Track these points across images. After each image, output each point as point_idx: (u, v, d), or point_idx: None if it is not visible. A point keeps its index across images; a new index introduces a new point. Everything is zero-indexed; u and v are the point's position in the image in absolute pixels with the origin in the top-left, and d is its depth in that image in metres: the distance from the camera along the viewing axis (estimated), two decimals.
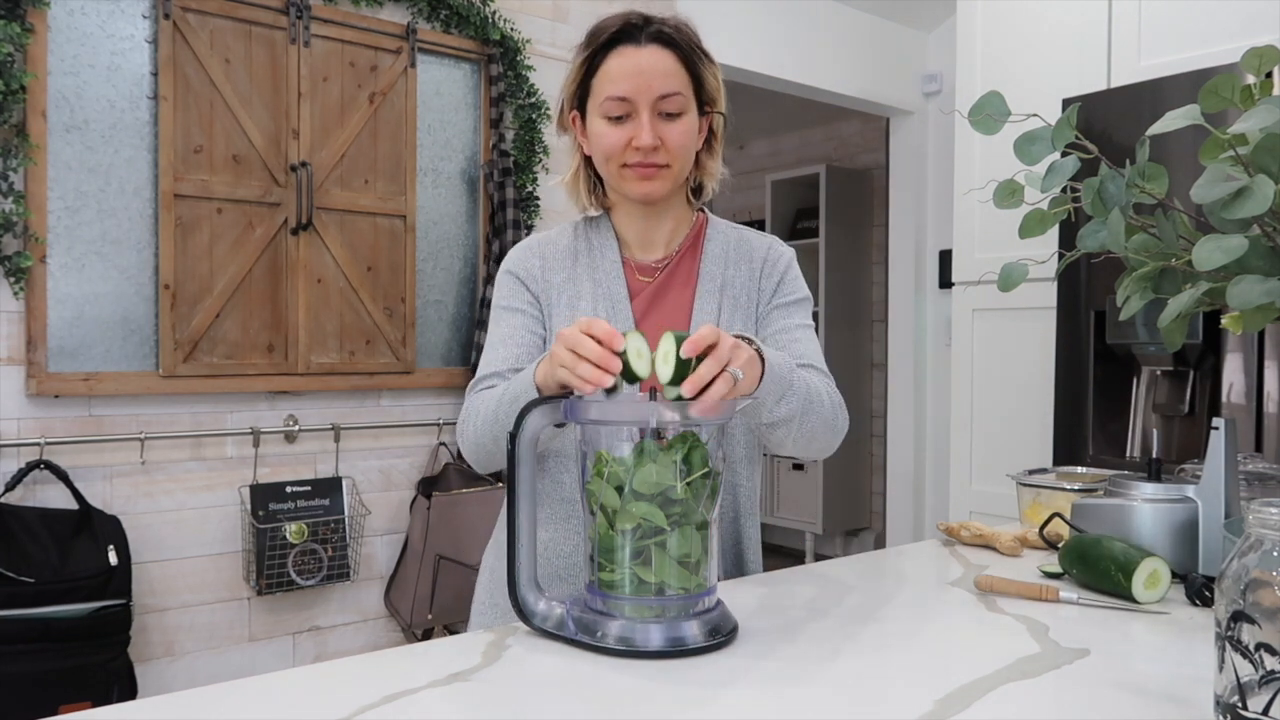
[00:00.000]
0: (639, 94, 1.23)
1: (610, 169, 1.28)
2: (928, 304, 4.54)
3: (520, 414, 0.99)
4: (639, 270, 1.35)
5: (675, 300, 1.35)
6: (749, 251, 1.40)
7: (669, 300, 1.35)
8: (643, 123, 1.23)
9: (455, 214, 3.04)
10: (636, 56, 1.24)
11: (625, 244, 1.37)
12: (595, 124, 1.27)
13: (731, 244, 1.40)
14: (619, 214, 1.37)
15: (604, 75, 1.25)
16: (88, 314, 2.38)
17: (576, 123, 1.32)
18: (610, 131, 1.25)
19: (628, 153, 1.25)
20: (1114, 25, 2.71)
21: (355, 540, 2.77)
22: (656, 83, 1.23)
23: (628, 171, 1.27)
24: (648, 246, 1.36)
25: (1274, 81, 0.99)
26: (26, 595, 2.14)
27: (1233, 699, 0.70)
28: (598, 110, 1.25)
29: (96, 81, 2.39)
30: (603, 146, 1.26)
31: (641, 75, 1.23)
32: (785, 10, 3.84)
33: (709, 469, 0.96)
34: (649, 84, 1.23)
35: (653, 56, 1.24)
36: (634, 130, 1.24)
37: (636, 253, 1.36)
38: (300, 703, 0.83)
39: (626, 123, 1.24)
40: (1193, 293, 0.96)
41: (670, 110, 1.25)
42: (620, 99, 1.23)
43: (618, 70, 1.24)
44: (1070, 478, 1.63)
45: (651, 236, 1.36)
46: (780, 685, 0.87)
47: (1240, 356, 2.30)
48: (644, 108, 1.24)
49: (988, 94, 1.08)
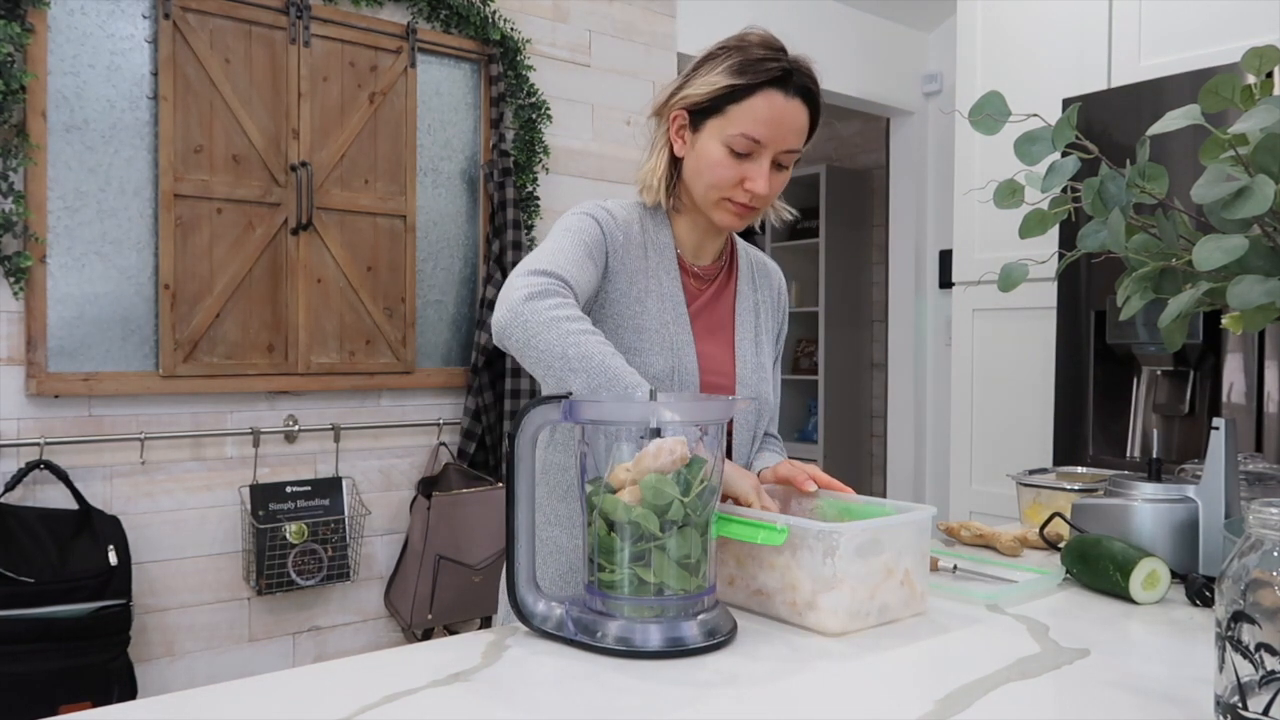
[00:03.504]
0: (771, 143, 1.26)
1: (710, 195, 1.29)
2: (928, 304, 4.54)
3: (520, 414, 0.99)
4: (694, 274, 1.37)
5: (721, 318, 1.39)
6: (767, 277, 1.48)
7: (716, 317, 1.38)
8: (762, 170, 1.26)
9: (455, 214, 3.03)
10: (784, 107, 1.25)
11: (679, 243, 1.37)
12: (713, 148, 1.27)
13: (754, 264, 1.47)
14: (682, 221, 1.37)
15: (748, 111, 1.24)
16: (88, 314, 2.38)
17: (679, 123, 1.30)
18: (729, 164, 1.26)
19: (736, 191, 1.27)
20: (1114, 25, 2.71)
21: (355, 540, 2.77)
22: (790, 138, 1.27)
23: (727, 204, 1.29)
24: (699, 255, 1.39)
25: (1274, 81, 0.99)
26: (26, 595, 2.14)
27: (1233, 699, 0.70)
28: (723, 138, 1.26)
29: (96, 81, 2.39)
30: (715, 175, 1.27)
31: (781, 127, 1.25)
32: (785, 10, 3.84)
33: (707, 484, 0.96)
34: (784, 137, 1.26)
35: (794, 111, 1.26)
36: (748, 171, 1.26)
37: (688, 257, 1.38)
38: (300, 703, 0.83)
39: (744, 160, 1.26)
40: (1193, 293, 0.96)
41: (784, 163, 1.29)
42: (755, 140, 1.25)
43: (764, 113, 1.24)
44: (1070, 478, 1.63)
45: (705, 248, 1.39)
46: (779, 685, 0.87)
47: (1240, 356, 2.30)
48: (767, 156, 1.26)
49: (988, 94, 1.08)
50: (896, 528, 1.06)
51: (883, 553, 1.05)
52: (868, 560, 1.03)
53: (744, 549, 1.09)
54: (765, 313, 1.44)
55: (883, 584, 1.05)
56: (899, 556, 1.06)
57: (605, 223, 1.29)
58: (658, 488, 0.93)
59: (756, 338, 1.40)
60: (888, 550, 1.05)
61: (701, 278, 1.38)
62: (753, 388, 1.37)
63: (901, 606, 1.07)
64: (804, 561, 1.02)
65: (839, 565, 1.00)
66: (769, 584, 1.07)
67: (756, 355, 1.40)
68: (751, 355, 1.39)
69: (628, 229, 1.32)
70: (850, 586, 1.01)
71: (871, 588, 1.03)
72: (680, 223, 1.37)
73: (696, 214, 1.34)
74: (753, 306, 1.42)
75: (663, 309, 1.30)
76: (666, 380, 1.27)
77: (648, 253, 1.32)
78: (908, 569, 1.07)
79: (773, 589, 1.07)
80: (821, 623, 1.02)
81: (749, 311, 1.41)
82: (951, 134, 3.61)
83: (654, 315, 1.29)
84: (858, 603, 1.02)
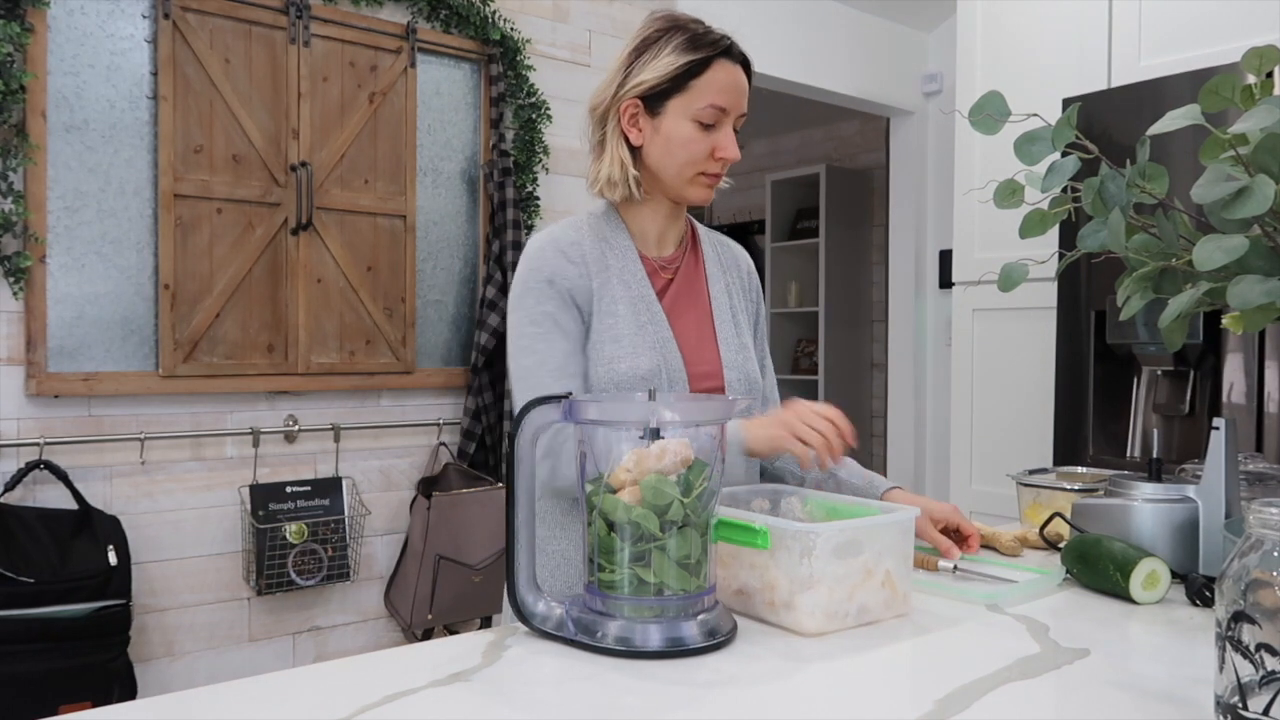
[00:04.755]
0: (733, 108, 1.31)
1: (686, 173, 1.31)
2: (928, 304, 4.54)
3: (520, 414, 0.99)
4: (658, 267, 1.38)
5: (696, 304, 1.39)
6: (734, 259, 1.49)
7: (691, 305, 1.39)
8: (730, 136, 1.31)
9: (455, 214, 3.03)
10: (734, 73, 1.31)
11: (638, 239, 1.38)
12: (681, 126, 1.29)
13: (717, 247, 1.47)
14: (641, 210, 1.37)
15: (710, 82, 1.28)
16: (87, 314, 2.38)
17: (631, 112, 1.31)
18: (700, 138, 1.29)
19: (709, 163, 1.31)
20: (1114, 25, 2.71)
21: (355, 540, 2.77)
22: (743, 102, 1.32)
23: (701, 178, 1.32)
24: (662, 243, 1.39)
25: (1274, 81, 0.99)
26: (26, 595, 2.14)
27: (1233, 699, 0.70)
28: (690, 113, 1.28)
29: (96, 81, 2.39)
30: (689, 152, 1.30)
31: (737, 92, 1.31)
32: (785, 10, 3.84)
33: (707, 486, 0.96)
34: (740, 101, 1.32)
35: (741, 76, 1.32)
36: (718, 140, 1.30)
37: (650, 249, 1.38)
38: (300, 703, 0.83)
39: (712, 131, 1.30)
40: (1193, 293, 0.96)
41: (737, 127, 1.33)
42: (722, 109, 1.29)
43: (724, 82, 1.29)
44: (1070, 478, 1.63)
45: (668, 235, 1.40)
46: (779, 685, 0.87)
47: (1240, 356, 2.30)
48: (729, 121, 1.31)
49: (988, 94, 1.08)
50: (877, 528, 1.06)
51: (861, 553, 1.04)
52: (846, 561, 1.03)
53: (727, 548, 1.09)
54: (737, 293, 1.44)
55: (862, 585, 1.05)
56: (879, 557, 1.06)
57: (556, 271, 1.29)
58: (658, 488, 0.93)
59: (734, 318, 1.41)
60: (867, 551, 1.05)
61: (667, 267, 1.38)
62: (739, 368, 1.37)
63: (882, 608, 1.07)
64: (782, 561, 1.03)
65: (816, 565, 1.00)
66: (750, 583, 1.07)
67: (738, 335, 1.40)
68: (733, 336, 1.39)
69: (581, 254, 1.31)
70: (828, 587, 1.01)
71: (850, 588, 1.03)
72: (640, 214, 1.37)
73: (660, 200, 1.36)
74: (725, 288, 1.42)
75: (636, 311, 1.30)
76: (654, 378, 1.28)
77: (608, 263, 1.32)
78: (888, 570, 1.07)
79: (753, 588, 1.07)
80: (799, 622, 1.02)
81: (722, 293, 1.42)
82: (951, 134, 3.61)
83: (627, 320, 1.29)
84: (835, 603, 1.02)
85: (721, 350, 1.37)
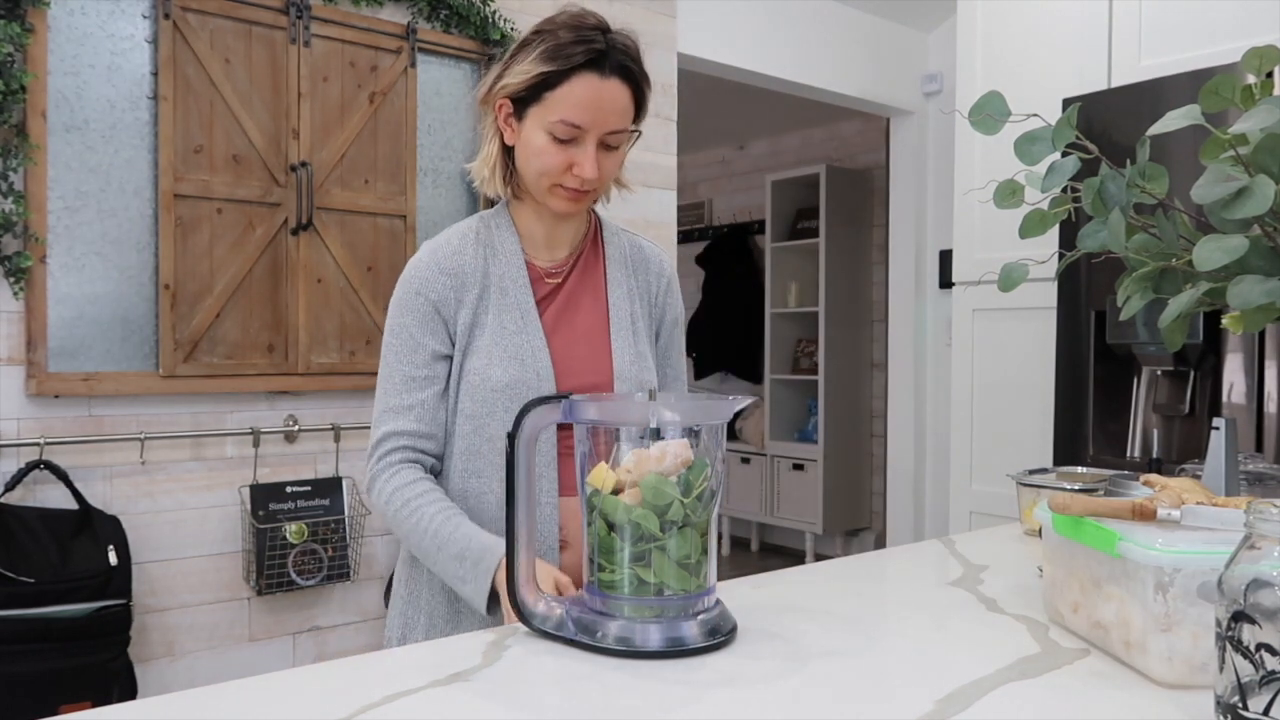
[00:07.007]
0: (593, 126, 1.22)
1: (542, 183, 1.26)
2: (928, 304, 4.54)
3: (520, 414, 0.99)
4: (544, 274, 1.33)
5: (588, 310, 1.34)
6: (645, 261, 1.42)
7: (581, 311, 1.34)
8: (588, 154, 1.22)
9: (455, 214, 3.03)
10: (599, 89, 1.21)
11: (527, 241, 1.34)
12: (536, 136, 1.23)
13: (628, 249, 1.41)
14: (526, 210, 1.34)
15: (564, 97, 1.20)
16: (88, 314, 2.38)
17: (505, 111, 1.27)
18: (554, 151, 1.23)
19: (565, 176, 1.24)
20: (1114, 25, 2.71)
21: (355, 540, 2.77)
22: (612, 120, 1.23)
23: (559, 190, 1.26)
24: (553, 246, 1.35)
25: (1274, 81, 0.99)
26: (26, 595, 2.14)
27: (1233, 699, 0.70)
28: (544, 125, 1.22)
29: (96, 81, 2.39)
30: (541, 163, 1.24)
31: (600, 110, 1.21)
32: (785, 10, 3.84)
33: (707, 487, 0.96)
34: (605, 119, 1.22)
35: (613, 91, 1.22)
36: (575, 155, 1.22)
37: (540, 252, 1.34)
38: (300, 703, 0.83)
39: (569, 146, 1.23)
40: (1193, 293, 0.96)
41: (612, 144, 1.25)
42: (575, 126, 1.21)
43: (581, 97, 1.20)
44: (1070, 478, 1.63)
45: (558, 237, 1.35)
46: (779, 685, 0.87)
47: (1240, 356, 2.30)
48: (592, 140, 1.23)
49: (988, 94, 1.08)
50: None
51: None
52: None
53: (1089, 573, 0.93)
54: (640, 299, 1.38)
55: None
56: None
57: (426, 283, 1.28)
58: (658, 488, 0.93)
59: (634, 324, 1.35)
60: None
61: (555, 273, 1.33)
62: (633, 379, 1.31)
63: None
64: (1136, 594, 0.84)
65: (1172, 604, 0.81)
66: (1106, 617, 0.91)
67: (635, 344, 1.34)
68: (629, 343, 1.33)
69: (458, 265, 1.29)
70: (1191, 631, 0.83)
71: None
72: (525, 213, 1.34)
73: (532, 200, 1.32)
74: (627, 293, 1.36)
75: (502, 321, 1.27)
76: (516, 388, 1.24)
77: (489, 269, 1.30)
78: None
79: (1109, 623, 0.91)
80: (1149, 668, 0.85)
81: (624, 299, 1.35)
82: (951, 134, 3.62)
83: (494, 331, 1.27)
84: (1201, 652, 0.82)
85: (615, 359, 1.31)
